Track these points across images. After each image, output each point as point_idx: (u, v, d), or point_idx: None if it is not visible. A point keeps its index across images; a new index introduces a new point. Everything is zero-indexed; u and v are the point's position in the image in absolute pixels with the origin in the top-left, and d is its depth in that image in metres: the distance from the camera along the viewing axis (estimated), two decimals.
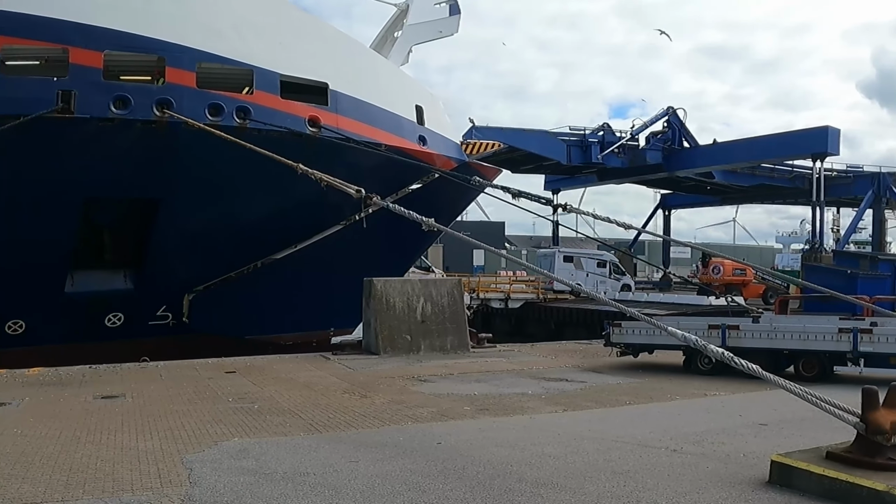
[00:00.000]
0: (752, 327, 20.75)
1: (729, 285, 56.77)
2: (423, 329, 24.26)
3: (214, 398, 16.05)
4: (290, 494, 8.94)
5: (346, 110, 27.43)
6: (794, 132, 62.26)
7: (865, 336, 18.59)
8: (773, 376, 10.24)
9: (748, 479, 9.58)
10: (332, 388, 17.47)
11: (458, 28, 36.78)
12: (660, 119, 66.87)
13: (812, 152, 56.61)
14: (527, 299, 53.93)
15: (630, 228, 25.89)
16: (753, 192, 75.63)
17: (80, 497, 8.90)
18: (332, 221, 27.14)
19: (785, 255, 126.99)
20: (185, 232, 25.67)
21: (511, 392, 17.14)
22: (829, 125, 57.09)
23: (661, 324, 13.33)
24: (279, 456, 10.83)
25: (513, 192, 26.35)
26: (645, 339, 21.62)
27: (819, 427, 11.62)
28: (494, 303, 53.31)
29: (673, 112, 66.81)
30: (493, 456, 10.81)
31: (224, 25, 25.48)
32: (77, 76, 23.05)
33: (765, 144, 62.65)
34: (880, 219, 64.21)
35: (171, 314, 27.65)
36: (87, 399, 15.81)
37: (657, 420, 14.19)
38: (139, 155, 23.81)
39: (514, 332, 46.71)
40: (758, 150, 62.74)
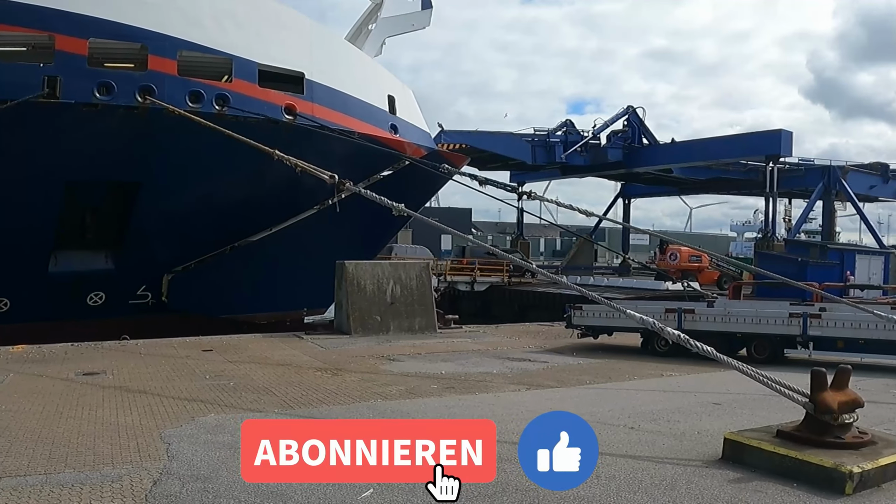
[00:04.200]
0: (707, 311, 20.85)
1: (685, 271, 56.98)
2: (392, 310, 24.24)
3: (192, 375, 15.96)
4: None
5: (321, 99, 27.41)
6: (749, 134, 62.61)
7: (815, 321, 18.73)
8: (726, 358, 10.28)
9: (702, 456, 9.61)
10: (305, 367, 17.43)
11: (430, 21, 36.77)
12: (620, 118, 66.95)
13: (766, 153, 57.01)
14: (492, 283, 54.01)
15: (591, 216, 25.83)
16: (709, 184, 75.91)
17: (62, 470, 8.82)
18: (306, 206, 27.14)
19: (739, 243, 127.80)
20: (164, 214, 25.63)
21: (476, 371, 17.15)
22: (783, 129, 57.51)
23: (620, 307, 13.37)
24: None
25: (480, 180, 26.40)
26: (605, 322, 21.64)
27: (770, 407, 11.70)
28: (461, 286, 53.36)
29: (633, 111, 66.88)
30: None
31: (204, 15, 25.38)
32: (62, 63, 22.93)
33: (721, 145, 62.93)
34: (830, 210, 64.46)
35: (150, 294, 27.58)
36: (69, 375, 15.69)
37: (615, 399, 14.22)
38: (121, 139, 23.72)
39: (479, 314, 46.68)
40: (714, 150, 62.99)
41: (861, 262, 48.20)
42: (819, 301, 22.35)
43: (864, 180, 63.98)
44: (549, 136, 63.69)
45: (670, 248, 61.55)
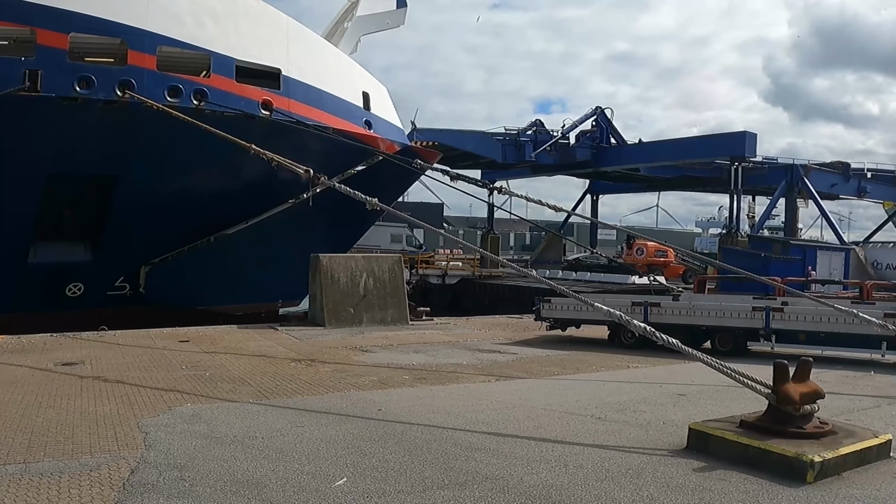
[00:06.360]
0: (673, 305, 20.97)
1: (651, 265, 57.29)
2: (365, 302, 24.23)
3: (169, 366, 15.89)
4: (240, 457, 8.87)
5: (297, 95, 27.40)
6: (714, 135, 63.22)
7: (777, 314, 18.85)
8: (691, 350, 10.35)
9: (668, 445, 9.64)
10: (280, 357, 17.38)
11: (405, 20, 36.76)
12: (589, 118, 67.22)
13: (731, 154, 57.43)
14: (463, 276, 54.08)
15: (560, 211, 25.85)
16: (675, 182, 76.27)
17: (42, 459, 8.76)
18: (281, 199, 27.03)
19: (704, 238, 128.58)
20: (142, 207, 25.49)
21: (447, 362, 17.15)
22: (747, 130, 58.10)
23: (588, 300, 13.40)
24: (229, 421, 10.74)
25: (451, 175, 26.38)
26: (573, 315, 21.74)
27: (733, 398, 11.78)
28: (432, 279, 53.42)
29: (601, 112, 67.22)
30: (430, 422, 10.80)
31: (183, 12, 25.32)
32: (43, 57, 22.85)
33: (687, 146, 63.41)
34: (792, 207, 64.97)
35: (128, 285, 27.46)
36: (48, 366, 15.57)
37: (583, 390, 14.26)
38: (101, 133, 23.61)
39: (450, 307, 46.58)
40: (680, 151, 63.44)
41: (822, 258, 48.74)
42: (781, 295, 22.50)
43: (825, 178, 64.60)
44: (519, 136, 63.92)
45: (637, 242, 61.87)
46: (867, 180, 69.59)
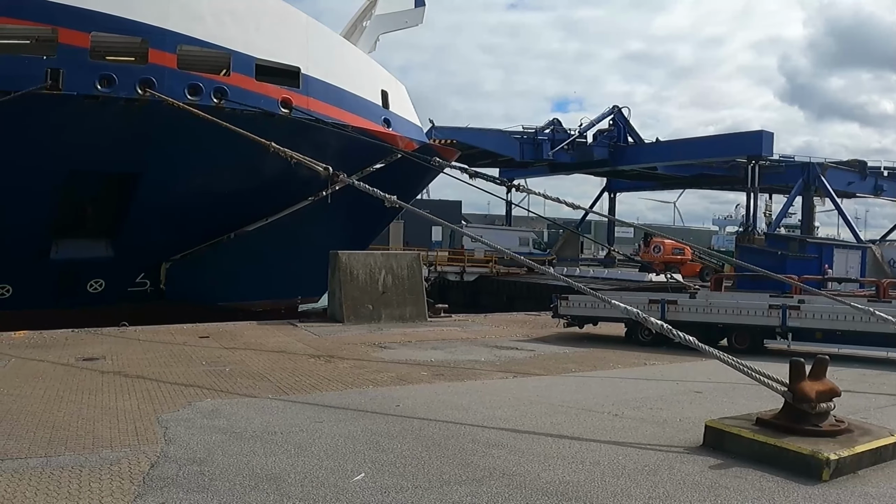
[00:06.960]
0: (690, 302, 20.89)
1: (668, 263, 57.14)
2: (384, 299, 24.25)
3: (189, 361, 15.94)
4: (259, 452, 8.89)
5: (316, 93, 27.37)
6: (731, 134, 63.18)
7: (793, 312, 18.78)
8: (708, 348, 10.33)
9: (684, 442, 9.62)
10: (299, 353, 17.40)
11: (423, 19, 36.75)
12: (606, 117, 67.13)
13: (748, 153, 57.27)
14: (481, 273, 54.07)
15: (578, 209, 25.84)
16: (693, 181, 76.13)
17: (63, 453, 8.80)
18: (300, 197, 27.07)
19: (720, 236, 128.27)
20: (162, 204, 25.52)
21: (465, 359, 17.14)
22: (764, 129, 57.96)
23: (605, 297, 13.36)
24: (248, 416, 10.77)
25: (470, 173, 26.33)
26: (590, 312, 21.69)
27: (749, 395, 11.76)
28: (451, 276, 53.42)
29: (618, 111, 67.14)
30: (447, 418, 10.80)
31: (204, 11, 25.31)
32: (65, 55, 22.87)
33: (704, 144, 63.36)
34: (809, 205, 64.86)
35: (149, 281, 27.55)
36: (69, 361, 15.64)
37: (600, 387, 14.23)
38: (122, 131, 23.63)
39: (468, 304, 46.68)
40: (698, 150, 63.41)
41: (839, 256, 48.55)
42: (798, 293, 22.42)
43: (842, 177, 64.40)
44: (537, 134, 63.88)
45: (654, 240, 61.71)
46: (883, 178, 69.41)
